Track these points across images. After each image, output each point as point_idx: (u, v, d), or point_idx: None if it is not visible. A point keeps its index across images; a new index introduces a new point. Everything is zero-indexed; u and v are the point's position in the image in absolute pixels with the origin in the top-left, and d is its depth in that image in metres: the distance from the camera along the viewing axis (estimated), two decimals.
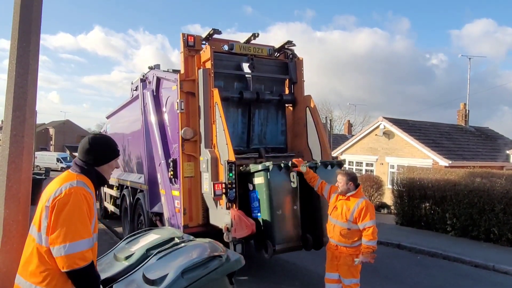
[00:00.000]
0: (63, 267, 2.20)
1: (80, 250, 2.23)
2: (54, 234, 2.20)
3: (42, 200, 2.33)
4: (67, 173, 2.46)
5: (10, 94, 3.03)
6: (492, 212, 9.41)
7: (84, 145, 2.48)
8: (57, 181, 2.39)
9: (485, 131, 21.77)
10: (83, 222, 2.27)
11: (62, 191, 2.27)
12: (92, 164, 2.48)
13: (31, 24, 3.06)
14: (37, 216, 2.33)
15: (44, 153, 48.67)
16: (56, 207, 2.22)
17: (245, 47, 6.53)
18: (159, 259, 3.22)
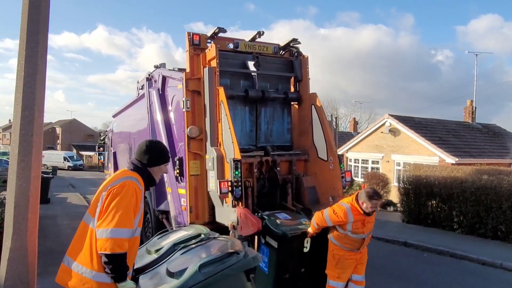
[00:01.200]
0: (101, 249, 2.44)
1: (121, 237, 2.45)
2: (102, 217, 2.49)
3: (99, 190, 2.65)
4: (123, 170, 2.83)
5: (19, 94, 3.06)
6: (500, 209, 9.35)
7: (141, 147, 2.87)
8: (114, 175, 2.74)
9: (492, 128, 21.58)
10: (128, 213, 2.52)
11: (118, 183, 2.59)
12: (146, 164, 2.82)
13: (39, 24, 3.09)
14: (93, 204, 2.63)
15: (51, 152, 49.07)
16: (109, 196, 2.53)
17: (250, 45, 6.53)
18: (183, 253, 3.35)
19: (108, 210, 2.48)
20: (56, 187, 20.14)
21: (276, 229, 4.91)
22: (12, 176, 3.06)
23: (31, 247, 3.14)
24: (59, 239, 8.93)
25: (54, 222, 11.12)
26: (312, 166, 6.66)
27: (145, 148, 2.84)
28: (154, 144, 2.96)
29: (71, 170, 43.07)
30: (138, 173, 2.75)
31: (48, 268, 6.44)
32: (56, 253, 7.49)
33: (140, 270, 3.30)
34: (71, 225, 10.63)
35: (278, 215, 5.36)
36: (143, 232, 8.18)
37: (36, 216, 3.18)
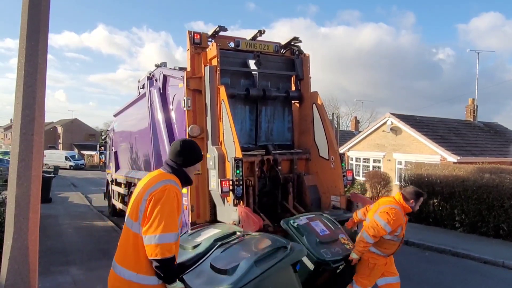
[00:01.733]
0: (151, 255, 2.48)
1: (168, 241, 2.50)
2: (147, 224, 2.50)
3: (138, 194, 2.65)
4: (159, 172, 2.79)
5: (19, 93, 3.06)
6: (502, 208, 9.32)
7: (175, 147, 2.82)
8: (151, 178, 2.72)
9: (494, 127, 21.52)
10: (173, 217, 2.57)
11: (158, 187, 2.58)
12: (181, 165, 2.79)
13: (40, 23, 3.09)
14: (133, 208, 2.63)
15: (52, 152, 49.14)
16: (152, 201, 2.53)
17: (251, 44, 6.52)
18: (224, 250, 3.38)
19: (153, 217, 2.51)
20: (57, 187, 20.17)
21: (316, 251, 4.25)
22: (13, 175, 3.06)
23: (32, 246, 3.14)
24: (60, 238, 8.95)
25: (56, 221, 11.13)
26: (313, 165, 6.65)
27: (180, 149, 2.81)
28: (188, 144, 2.90)
29: (73, 170, 43.12)
30: (175, 174, 2.75)
31: (50, 268, 6.47)
32: (57, 253, 7.51)
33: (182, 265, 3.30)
34: (72, 225, 10.65)
35: (314, 225, 4.62)
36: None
37: (37, 215, 3.18)
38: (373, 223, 4.33)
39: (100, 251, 7.67)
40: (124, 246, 2.64)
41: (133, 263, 2.55)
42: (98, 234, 9.41)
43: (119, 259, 2.64)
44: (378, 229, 4.27)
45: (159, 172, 2.79)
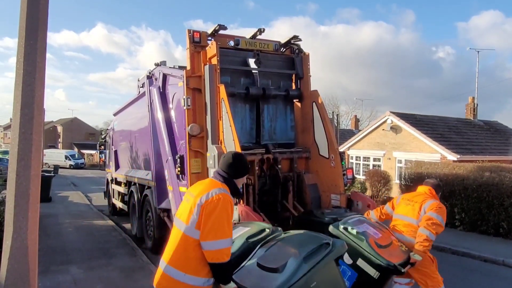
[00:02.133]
0: (212, 260, 2.67)
1: (226, 247, 2.71)
2: (205, 230, 2.67)
3: (191, 198, 2.83)
4: (211, 180, 3.00)
5: (18, 92, 3.04)
6: (501, 206, 9.32)
7: (228, 159, 3.04)
8: (204, 185, 2.92)
9: (494, 125, 21.52)
10: (229, 223, 2.75)
11: (213, 195, 2.76)
12: (232, 176, 3.00)
13: (38, 21, 3.07)
14: (185, 211, 2.81)
15: (52, 151, 49.16)
16: (207, 208, 2.69)
17: (251, 43, 6.51)
18: (268, 249, 3.44)
19: (211, 223, 2.67)
20: (57, 186, 20.17)
21: (379, 257, 3.97)
22: (12, 175, 3.05)
23: (32, 245, 3.13)
24: (60, 237, 8.94)
25: (56, 220, 11.13)
26: (313, 163, 6.64)
27: (232, 161, 3.01)
28: (239, 157, 3.11)
29: (73, 169, 43.13)
30: (226, 184, 2.93)
31: (50, 267, 6.46)
32: (57, 252, 7.51)
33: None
34: (72, 224, 10.65)
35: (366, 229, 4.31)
36: (145, 230, 8.19)
37: (36, 215, 3.17)
38: (434, 221, 4.20)
39: (100, 250, 7.67)
40: (173, 246, 2.77)
41: (182, 263, 2.70)
42: (98, 233, 9.40)
43: (168, 258, 2.76)
44: (439, 226, 4.21)
45: (211, 181, 2.99)
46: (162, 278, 2.78)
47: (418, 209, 4.42)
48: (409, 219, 4.47)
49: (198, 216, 2.70)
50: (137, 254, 7.38)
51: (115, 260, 6.99)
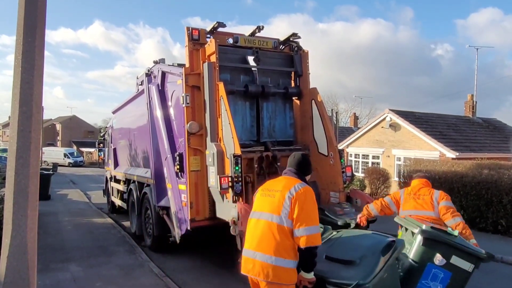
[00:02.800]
0: (304, 244, 2.97)
1: (316, 232, 3.03)
2: (300, 219, 3.00)
3: (277, 193, 3.16)
4: (287, 177, 3.34)
5: (16, 89, 3.03)
6: (500, 203, 9.34)
7: (299, 159, 3.43)
8: (287, 181, 3.27)
9: (493, 123, 21.54)
10: (316, 212, 3.12)
11: (299, 188, 3.12)
12: (303, 173, 3.40)
13: (36, 19, 3.05)
14: (271, 205, 3.14)
15: (51, 149, 49.10)
16: (298, 199, 3.04)
17: (250, 40, 6.50)
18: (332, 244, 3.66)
19: (304, 212, 3.02)
20: (56, 184, 20.16)
21: (475, 249, 3.94)
22: (10, 173, 3.04)
23: (31, 243, 3.12)
24: (60, 235, 8.94)
25: (55, 218, 11.13)
26: (312, 161, 6.58)
27: (303, 161, 3.43)
28: (307, 157, 3.55)
29: (72, 167, 43.09)
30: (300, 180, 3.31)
31: (50, 265, 6.47)
32: (57, 250, 7.51)
33: None
34: (71, 222, 10.65)
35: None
36: (144, 228, 8.19)
37: (35, 213, 3.16)
38: (453, 208, 4.45)
39: (100, 248, 7.68)
40: (267, 237, 3.06)
41: (281, 250, 3.00)
42: (98, 231, 9.40)
43: (264, 248, 3.03)
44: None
45: (288, 178, 3.34)
46: (254, 265, 3.06)
47: (430, 200, 4.51)
48: (427, 213, 4.50)
49: (290, 207, 3.05)
50: (136, 252, 7.39)
51: (114, 258, 7.00)
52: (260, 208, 3.25)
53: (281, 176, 3.43)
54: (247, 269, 3.12)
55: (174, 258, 7.28)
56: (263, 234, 3.09)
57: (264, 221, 3.13)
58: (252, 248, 3.11)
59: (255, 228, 3.19)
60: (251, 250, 3.12)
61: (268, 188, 3.34)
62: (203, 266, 6.88)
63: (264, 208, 3.20)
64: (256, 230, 3.17)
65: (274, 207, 3.12)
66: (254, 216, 3.29)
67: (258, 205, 3.30)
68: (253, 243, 3.13)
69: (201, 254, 7.51)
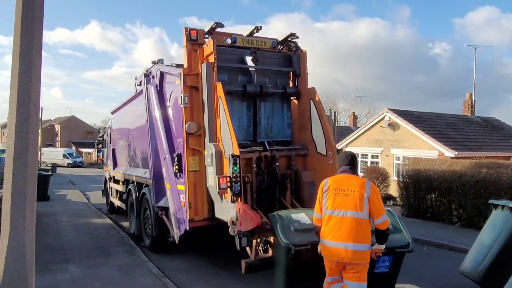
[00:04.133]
0: (383, 227, 3.93)
1: (387, 217, 3.98)
2: (378, 210, 3.88)
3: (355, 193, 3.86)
4: (351, 175, 4.08)
5: (14, 91, 3.03)
6: None
7: (353, 157, 4.25)
8: (357, 180, 4.01)
9: (491, 121, 21.57)
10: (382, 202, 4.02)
11: (370, 185, 3.94)
12: (356, 170, 4.22)
13: (34, 20, 3.05)
14: (356, 203, 3.84)
15: (50, 149, 49.10)
16: (374, 196, 3.87)
17: (248, 40, 6.50)
18: None
19: (378, 205, 3.88)
20: (55, 184, 20.15)
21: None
22: (8, 174, 3.04)
23: (29, 244, 3.12)
24: (58, 236, 8.94)
25: (54, 219, 11.13)
26: (311, 161, 6.65)
27: (355, 158, 4.29)
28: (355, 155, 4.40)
29: (71, 167, 43.08)
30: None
31: (48, 265, 6.47)
32: (55, 250, 7.51)
33: None
34: (70, 222, 10.65)
35: None
36: (143, 228, 8.19)
37: (33, 214, 3.16)
38: None
39: (98, 249, 7.68)
40: (354, 229, 3.79)
41: (366, 238, 3.83)
42: (96, 231, 9.40)
43: (353, 239, 3.77)
44: None
45: (353, 176, 4.08)
46: (346, 253, 3.79)
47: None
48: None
49: (368, 204, 3.84)
50: (135, 252, 7.39)
51: (113, 259, 7.00)
52: (343, 207, 3.87)
53: (345, 175, 4.06)
54: (341, 257, 3.82)
55: (173, 258, 7.29)
56: (351, 228, 3.80)
57: (351, 218, 3.82)
58: (343, 240, 3.79)
59: (340, 223, 3.84)
60: (341, 242, 3.79)
61: (341, 188, 3.93)
62: (202, 267, 6.88)
63: (348, 207, 3.85)
64: (342, 225, 3.83)
65: (357, 206, 3.84)
66: (336, 213, 3.87)
67: (338, 204, 3.89)
68: (342, 236, 3.80)
69: (200, 254, 7.51)
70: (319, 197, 4.08)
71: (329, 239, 3.87)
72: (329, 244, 3.88)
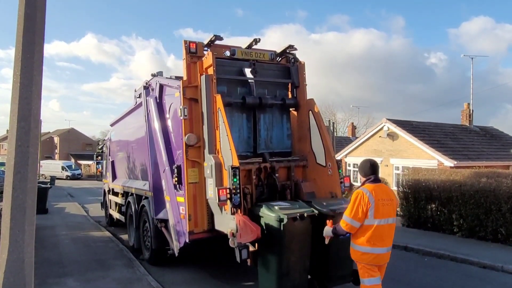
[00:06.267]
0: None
1: None
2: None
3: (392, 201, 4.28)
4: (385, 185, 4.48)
5: (14, 105, 3.06)
6: (499, 212, 9.33)
7: (378, 165, 4.56)
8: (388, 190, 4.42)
9: (490, 131, 21.65)
10: None
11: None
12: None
13: (35, 35, 3.10)
14: (394, 210, 4.27)
15: (49, 162, 48.94)
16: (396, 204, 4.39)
17: (247, 52, 6.56)
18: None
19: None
20: (54, 197, 20.06)
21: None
22: (8, 188, 3.05)
23: (28, 259, 3.11)
24: (57, 249, 8.87)
25: (52, 232, 11.05)
26: (310, 171, 6.65)
27: (378, 166, 4.57)
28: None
29: (69, 180, 42.93)
30: None
31: (47, 279, 6.40)
32: (54, 264, 7.44)
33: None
34: (69, 235, 10.57)
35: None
36: (142, 241, 8.14)
37: (32, 228, 3.16)
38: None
39: (97, 262, 7.61)
40: (391, 235, 4.25)
41: (391, 241, 4.28)
42: (95, 244, 9.34)
43: (390, 243, 4.24)
44: None
45: (385, 185, 4.47)
46: (387, 256, 4.25)
47: None
48: None
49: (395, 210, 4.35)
50: (134, 266, 7.33)
51: (112, 272, 6.94)
52: (385, 215, 4.16)
53: (381, 184, 4.37)
54: (385, 261, 4.25)
55: (173, 271, 7.23)
56: (391, 233, 4.24)
57: (391, 224, 4.23)
58: (386, 245, 4.18)
59: (385, 230, 4.16)
60: (385, 247, 4.17)
61: (383, 198, 4.21)
62: (202, 279, 6.83)
63: (390, 214, 4.21)
64: (385, 231, 4.16)
65: (394, 213, 4.29)
66: (383, 222, 4.15)
67: (384, 213, 4.16)
68: (386, 242, 4.17)
69: (200, 267, 7.45)
70: (363, 208, 4.11)
71: (376, 247, 4.13)
72: (376, 251, 4.14)
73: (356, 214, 4.13)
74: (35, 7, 3.15)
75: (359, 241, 4.18)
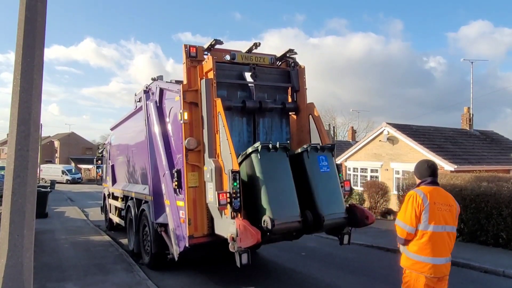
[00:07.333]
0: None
1: None
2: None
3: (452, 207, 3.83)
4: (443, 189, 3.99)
5: (15, 109, 3.06)
6: (500, 216, 9.31)
7: (436, 167, 4.07)
8: (447, 195, 3.94)
9: (490, 135, 21.63)
10: None
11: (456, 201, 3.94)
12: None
13: (35, 39, 3.10)
14: (453, 217, 3.80)
15: (49, 166, 48.93)
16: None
17: (247, 57, 6.57)
18: None
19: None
20: (54, 201, 20.03)
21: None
22: (7, 192, 3.04)
23: (27, 263, 3.09)
24: (56, 253, 8.84)
25: (52, 236, 11.02)
26: None
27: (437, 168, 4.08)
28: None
29: (69, 184, 42.89)
30: None
31: (46, 284, 6.37)
32: (53, 269, 7.41)
33: None
34: (69, 240, 10.54)
35: None
36: (142, 245, 8.11)
37: (32, 233, 3.14)
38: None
39: (97, 266, 7.58)
40: (448, 243, 3.77)
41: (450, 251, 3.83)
42: (95, 249, 9.30)
43: (446, 253, 3.79)
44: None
45: (443, 190, 3.97)
46: (445, 268, 3.83)
47: None
48: None
49: (457, 218, 3.89)
50: (134, 270, 7.30)
51: (111, 277, 6.90)
52: (442, 221, 3.72)
53: (439, 188, 3.94)
54: (443, 272, 3.81)
55: (173, 275, 7.19)
56: (450, 242, 3.78)
57: (450, 233, 3.77)
58: (444, 255, 3.75)
59: (441, 238, 3.72)
60: (443, 257, 3.75)
61: (440, 202, 3.78)
62: (202, 284, 6.79)
63: (448, 221, 3.75)
64: (442, 240, 3.72)
65: (454, 220, 3.81)
66: (438, 229, 3.70)
67: (440, 219, 3.71)
68: (443, 251, 3.74)
69: (200, 271, 7.42)
70: (416, 211, 3.68)
71: (432, 256, 3.68)
72: (432, 261, 3.69)
73: (406, 217, 3.73)
74: (36, 11, 3.15)
75: (413, 248, 3.74)
